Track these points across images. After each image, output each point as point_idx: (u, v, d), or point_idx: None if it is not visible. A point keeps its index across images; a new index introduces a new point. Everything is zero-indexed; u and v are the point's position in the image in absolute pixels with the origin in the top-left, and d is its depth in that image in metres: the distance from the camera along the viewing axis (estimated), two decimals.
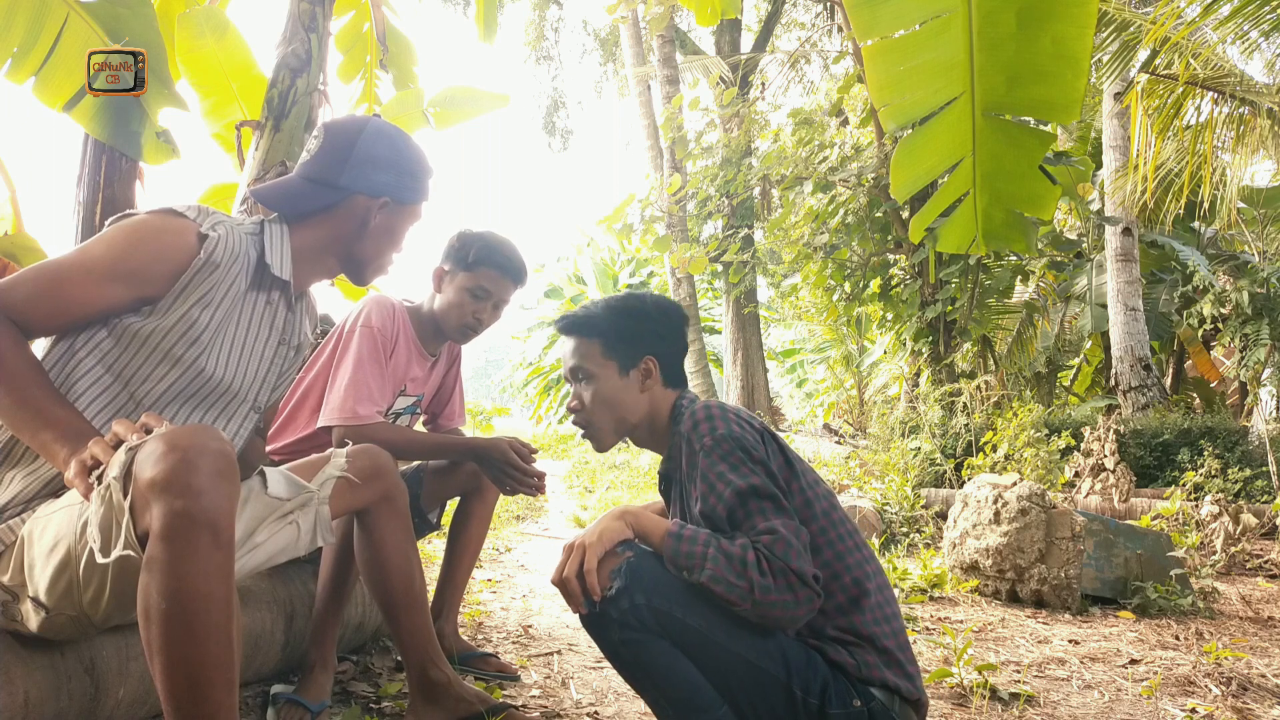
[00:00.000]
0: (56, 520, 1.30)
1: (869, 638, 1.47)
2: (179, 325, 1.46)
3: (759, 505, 1.44)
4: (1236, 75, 6.75)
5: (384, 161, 1.64)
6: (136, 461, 1.16)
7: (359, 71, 4.86)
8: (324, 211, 1.63)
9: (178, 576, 1.11)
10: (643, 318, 1.73)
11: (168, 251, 1.44)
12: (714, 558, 1.39)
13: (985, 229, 2.81)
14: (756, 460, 1.49)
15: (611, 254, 19.19)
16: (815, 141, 8.43)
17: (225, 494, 1.15)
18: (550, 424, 20.23)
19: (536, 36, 20.17)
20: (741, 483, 1.45)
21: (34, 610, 1.33)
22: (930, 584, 3.68)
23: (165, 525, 1.11)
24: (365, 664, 2.34)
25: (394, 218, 1.68)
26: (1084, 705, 2.27)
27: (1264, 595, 3.84)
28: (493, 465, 2.32)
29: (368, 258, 1.69)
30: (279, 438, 2.44)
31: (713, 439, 1.51)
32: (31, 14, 3.06)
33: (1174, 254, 9.70)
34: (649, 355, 1.70)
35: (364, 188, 1.63)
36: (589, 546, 1.46)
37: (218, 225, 1.50)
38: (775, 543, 1.39)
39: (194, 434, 1.16)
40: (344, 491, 1.70)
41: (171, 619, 1.11)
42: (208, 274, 1.47)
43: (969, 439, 6.39)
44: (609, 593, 1.41)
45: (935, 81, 2.47)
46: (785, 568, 1.37)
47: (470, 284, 2.35)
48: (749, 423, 1.57)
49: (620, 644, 1.42)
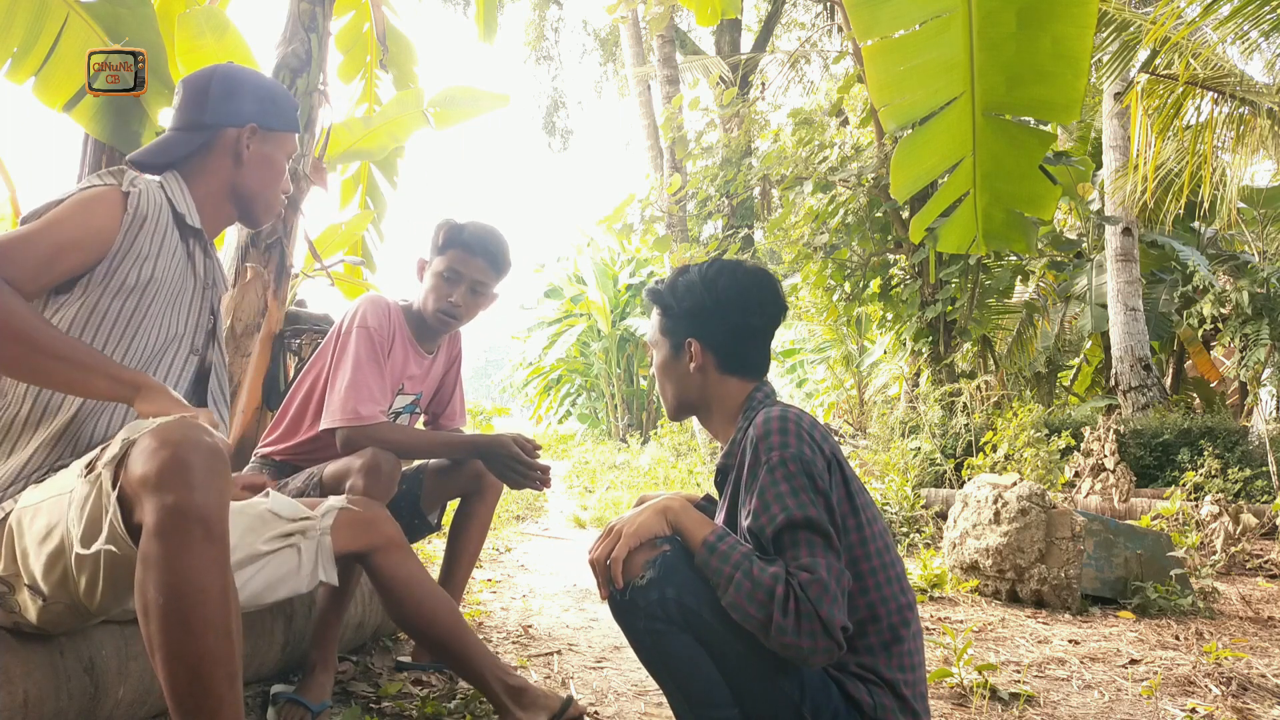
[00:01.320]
0: (47, 509, 1.31)
1: (890, 682, 1.42)
2: (125, 284, 1.51)
3: (808, 538, 1.36)
4: (1236, 75, 6.75)
5: (241, 92, 1.70)
6: (130, 454, 1.17)
7: (359, 71, 4.86)
8: (200, 154, 1.68)
9: (173, 571, 1.12)
10: (698, 295, 1.61)
11: (103, 218, 1.49)
12: (739, 583, 1.34)
13: (985, 229, 2.81)
14: (820, 490, 1.40)
15: (611, 254, 19.18)
16: (815, 141, 8.42)
17: (217, 489, 1.17)
18: (550, 424, 20.23)
19: (536, 36, 20.18)
20: (798, 512, 1.36)
21: (32, 599, 1.33)
22: (930, 584, 3.68)
23: (158, 521, 1.13)
24: (365, 664, 2.34)
25: (266, 145, 1.72)
26: (1084, 705, 2.27)
27: (1264, 595, 3.84)
28: (498, 460, 2.32)
29: (252, 191, 1.72)
30: (283, 441, 2.44)
31: (780, 456, 1.41)
32: (31, 14, 3.06)
33: (1174, 254, 9.70)
34: (690, 338, 1.61)
35: (228, 119, 1.68)
36: (624, 536, 1.45)
37: (135, 181, 1.57)
38: (811, 584, 1.31)
39: (185, 429, 1.18)
40: (346, 527, 1.71)
41: (169, 614, 1.12)
42: (138, 229, 1.53)
43: (969, 439, 6.39)
44: (640, 581, 1.40)
45: (935, 81, 2.47)
46: (813, 612, 1.29)
47: (441, 267, 2.35)
48: (820, 445, 1.45)
49: (645, 632, 1.41)
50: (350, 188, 5.04)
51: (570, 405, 20.31)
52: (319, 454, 2.36)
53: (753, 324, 1.61)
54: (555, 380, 20.17)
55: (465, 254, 2.33)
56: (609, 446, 14.56)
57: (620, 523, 1.49)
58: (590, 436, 18.27)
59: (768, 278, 1.64)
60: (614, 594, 1.45)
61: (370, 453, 2.13)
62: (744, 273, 1.63)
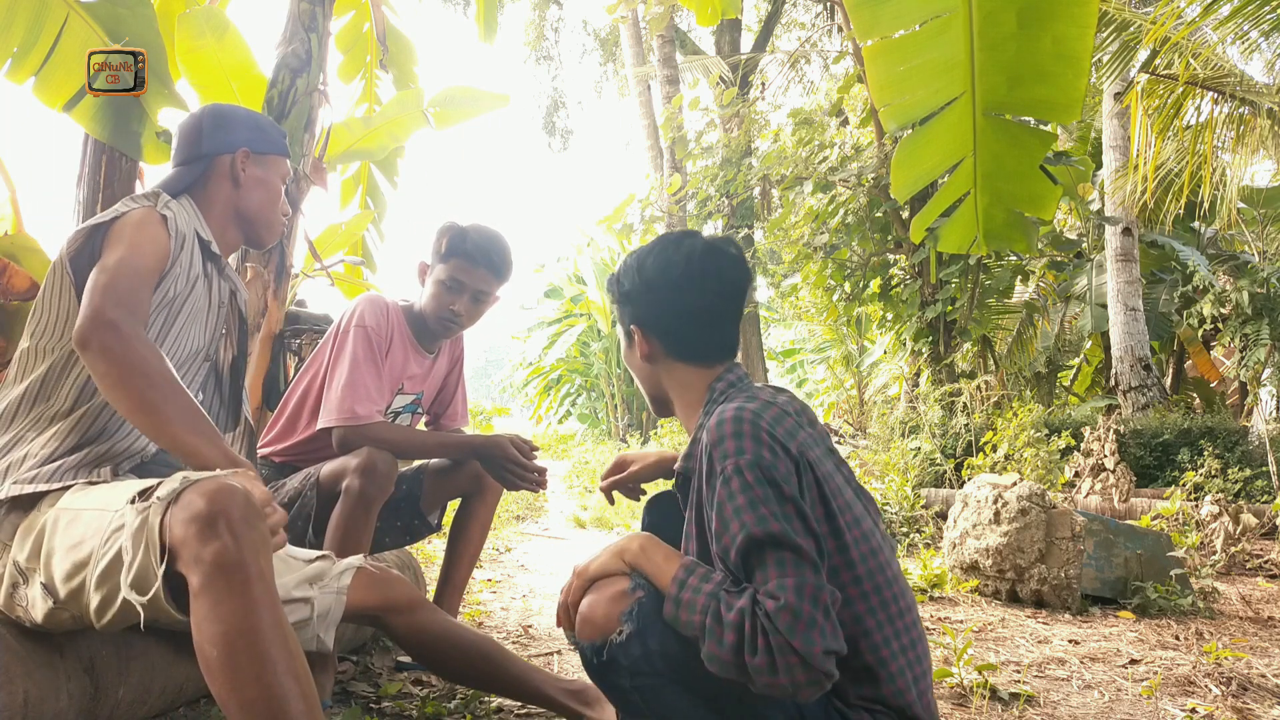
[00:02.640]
0: (85, 521, 1.33)
1: (898, 708, 1.28)
2: (166, 298, 1.60)
3: (776, 557, 1.17)
4: (1236, 75, 6.75)
5: (230, 124, 1.81)
6: (179, 501, 1.23)
7: (359, 71, 4.86)
8: (202, 183, 1.78)
9: (221, 620, 1.16)
10: (632, 278, 1.47)
11: (161, 238, 1.59)
12: (710, 630, 1.17)
13: (986, 229, 2.81)
14: (787, 497, 1.21)
15: (611, 254, 19.16)
16: (815, 141, 8.42)
17: (258, 533, 1.23)
18: (550, 424, 20.23)
19: (536, 36, 20.19)
20: (757, 528, 1.18)
21: (43, 597, 1.34)
22: (930, 584, 3.68)
23: (203, 576, 1.17)
24: (365, 664, 2.34)
25: (260, 168, 1.81)
26: (1084, 705, 2.26)
27: (1264, 595, 3.84)
28: (494, 462, 2.32)
29: (253, 212, 1.81)
30: (280, 440, 2.44)
31: (735, 464, 1.23)
32: (31, 14, 3.06)
33: (1174, 254, 9.69)
34: (633, 325, 1.48)
35: (221, 147, 1.78)
36: (577, 581, 1.35)
37: (169, 204, 1.66)
38: (779, 613, 1.12)
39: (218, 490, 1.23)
40: (363, 587, 1.72)
41: (228, 662, 1.15)
42: (179, 247, 1.63)
43: (969, 439, 6.39)
44: (618, 637, 1.25)
45: (936, 81, 2.47)
46: (785, 645, 1.10)
47: (443, 275, 2.34)
48: (783, 446, 1.26)
49: (632, 690, 1.27)
50: (350, 188, 5.04)
51: (570, 405, 20.30)
52: (316, 453, 2.36)
53: (690, 304, 1.43)
54: (555, 380, 20.16)
55: (468, 264, 2.33)
56: (609, 446, 14.56)
57: (583, 563, 1.38)
58: (590, 436, 18.27)
59: (711, 251, 1.44)
60: (588, 655, 1.29)
61: (366, 452, 2.13)
62: (678, 248, 1.44)
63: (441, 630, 1.80)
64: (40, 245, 3.45)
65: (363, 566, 1.75)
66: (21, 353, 1.55)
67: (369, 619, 1.78)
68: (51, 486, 1.41)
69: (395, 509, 2.48)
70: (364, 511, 2.10)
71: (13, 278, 3.17)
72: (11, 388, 1.54)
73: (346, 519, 2.09)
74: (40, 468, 1.44)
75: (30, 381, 1.52)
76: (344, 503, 2.10)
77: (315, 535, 2.21)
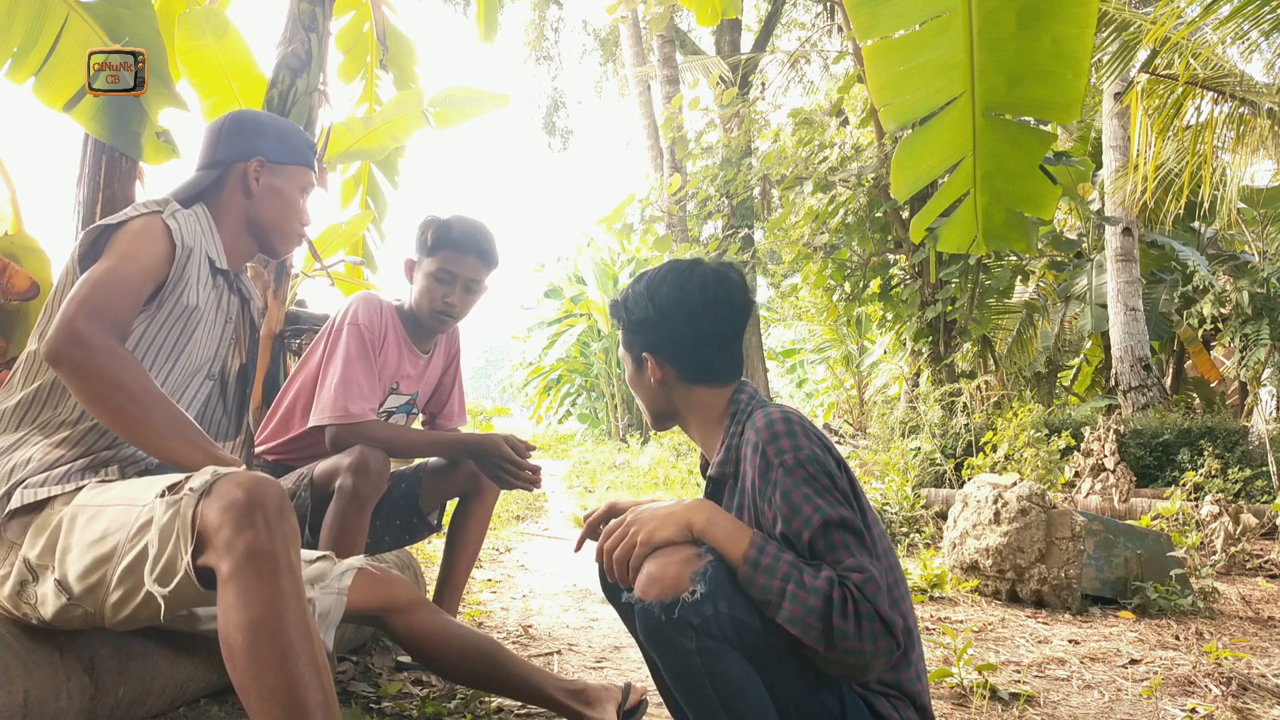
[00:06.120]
0: (110, 515, 1.33)
1: (911, 695, 1.36)
2: (175, 309, 1.59)
3: (843, 539, 1.29)
4: (1236, 75, 6.75)
5: (251, 130, 1.78)
6: (212, 491, 1.24)
7: (359, 71, 4.87)
8: (216, 189, 1.75)
9: (249, 607, 1.17)
10: (644, 307, 1.52)
11: (158, 248, 1.56)
12: (794, 595, 1.24)
13: (985, 229, 2.81)
14: (840, 489, 1.34)
15: (611, 254, 19.17)
16: (815, 141, 8.43)
17: (289, 526, 1.25)
18: (550, 424, 20.23)
19: (536, 36, 20.19)
20: (831, 512, 1.29)
21: (55, 593, 1.34)
22: (930, 584, 3.68)
23: (233, 564, 1.19)
24: (365, 664, 2.34)
25: (275, 178, 1.77)
26: (1084, 705, 2.26)
27: (1264, 595, 3.84)
28: (488, 460, 2.32)
29: (266, 222, 1.78)
30: (274, 438, 2.43)
31: (794, 458, 1.34)
32: (31, 14, 3.06)
33: (1174, 254, 9.69)
34: (646, 353, 1.53)
35: (237, 155, 1.75)
36: (639, 544, 1.35)
37: (176, 214, 1.63)
38: (866, 583, 1.24)
39: (254, 481, 1.25)
40: (363, 588, 1.72)
41: (252, 649, 1.16)
42: (186, 257, 1.61)
43: (969, 439, 6.39)
44: (690, 597, 1.26)
45: (935, 81, 2.47)
46: (873, 612, 1.22)
47: (433, 268, 2.33)
48: (827, 446, 1.39)
49: (696, 652, 1.27)
50: (350, 188, 5.04)
51: (570, 405, 20.31)
52: (309, 451, 2.36)
53: (705, 330, 1.50)
54: (555, 380, 20.16)
55: (457, 253, 2.32)
56: (609, 446, 14.56)
57: (637, 519, 1.38)
58: (590, 436, 18.27)
59: (719, 278, 1.51)
60: (655, 612, 1.29)
61: (359, 451, 2.13)
62: (690, 277, 1.51)
63: (441, 630, 1.80)
64: (40, 245, 3.45)
65: (363, 567, 1.75)
66: (29, 355, 1.54)
67: (369, 619, 1.77)
68: (65, 489, 1.41)
69: (395, 508, 2.48)
70: (358, 510, 2.10)
71: (13, 278, 3.17)
72: (18, 390, 1.53)
73: (341, 518, 2.09)
74: (48, 471, 1.43)
75: (38, 385, 1.51)
76: (338, 502, 2.10)
77: (310, 535, 2.21)
